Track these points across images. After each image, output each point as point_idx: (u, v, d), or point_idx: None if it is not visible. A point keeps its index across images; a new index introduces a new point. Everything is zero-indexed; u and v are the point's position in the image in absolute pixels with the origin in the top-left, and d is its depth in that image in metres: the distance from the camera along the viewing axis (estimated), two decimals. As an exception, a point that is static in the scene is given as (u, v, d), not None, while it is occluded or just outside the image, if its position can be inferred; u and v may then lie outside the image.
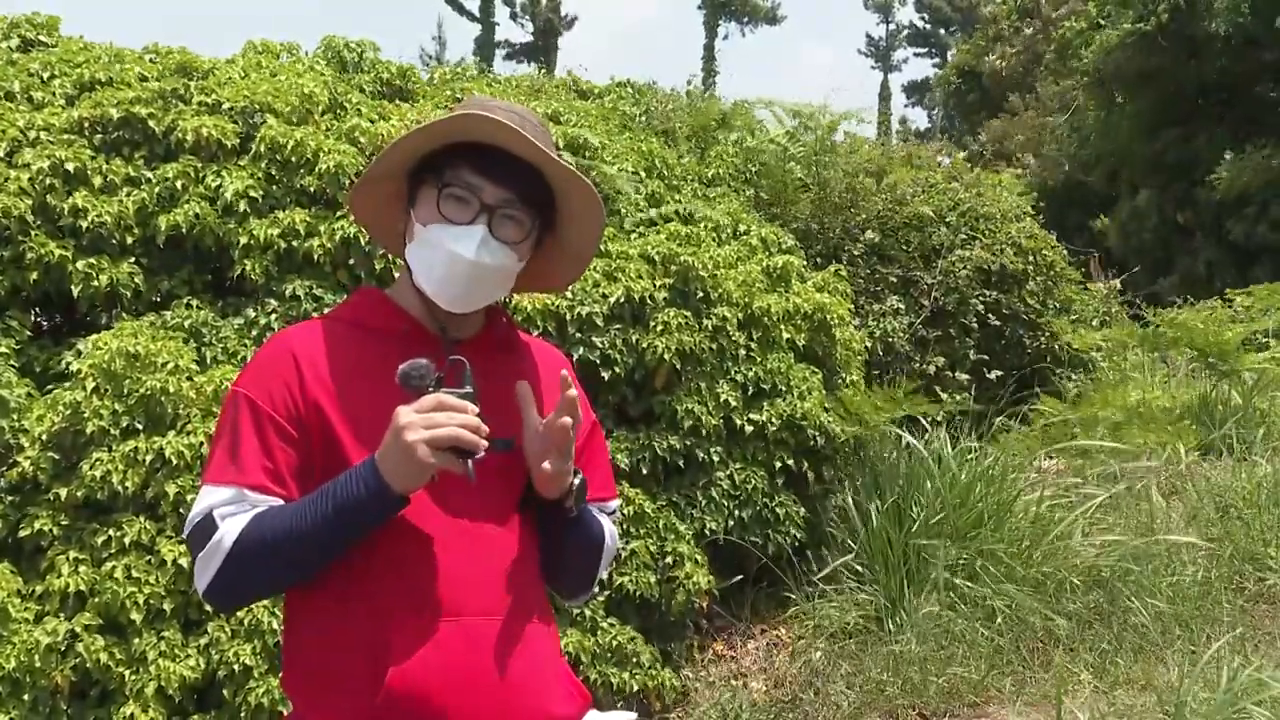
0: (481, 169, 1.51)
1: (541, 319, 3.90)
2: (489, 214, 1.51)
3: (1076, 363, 7.34)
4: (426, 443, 1.35)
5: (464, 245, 1.49)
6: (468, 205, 1.51)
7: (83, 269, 3.50)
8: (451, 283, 1.51)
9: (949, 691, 3.74)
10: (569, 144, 4.60)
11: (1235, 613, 4.11)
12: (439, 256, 1.51)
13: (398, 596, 1.46)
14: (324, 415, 1.48)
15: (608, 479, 1.74)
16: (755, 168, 6.27)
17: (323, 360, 1.51)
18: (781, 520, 4.32)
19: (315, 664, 1.49)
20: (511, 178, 1.52)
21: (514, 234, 1.54)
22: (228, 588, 1.46)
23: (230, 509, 1.44)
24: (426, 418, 1.36)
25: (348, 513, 1.40)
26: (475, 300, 1.55)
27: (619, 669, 3.71)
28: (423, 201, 1.54)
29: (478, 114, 1.48)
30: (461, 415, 1.38)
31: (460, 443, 1.37)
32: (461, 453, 1.38)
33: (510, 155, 1.51)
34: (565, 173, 1.54)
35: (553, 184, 1.56)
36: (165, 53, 4.32)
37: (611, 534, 1.69)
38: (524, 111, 1.59)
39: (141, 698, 3.01)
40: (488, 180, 1.51)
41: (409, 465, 1.37)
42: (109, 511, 3.22)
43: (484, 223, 1.50)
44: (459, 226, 1.50)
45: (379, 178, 1.60)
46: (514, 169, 1.52)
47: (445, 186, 1.51)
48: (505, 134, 1.49)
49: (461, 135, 1.50)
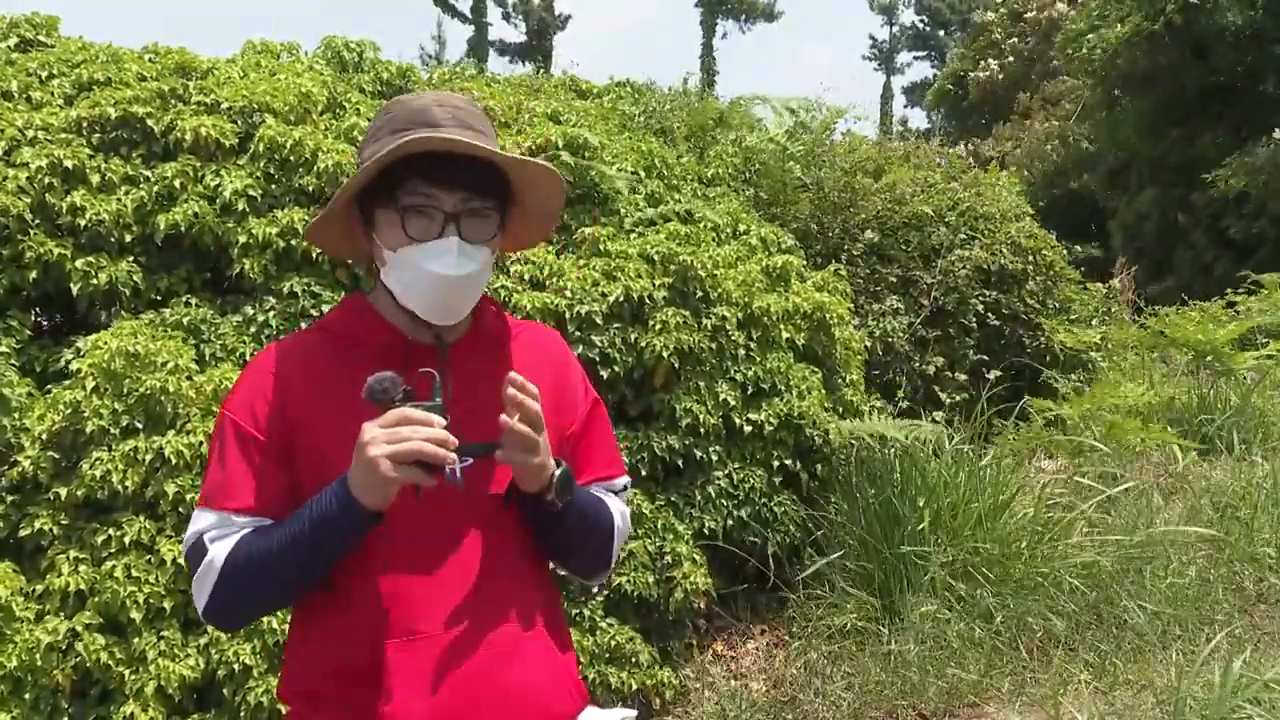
0: (433, 178, 1.47)
1: (541, 317, 3.90)
2: (455, 221, 1.48)
3: (1076, 363, 7.34)
4: (389, 457, 1.34)
5: (442, 263, 1.47)
6: (432, 219, 1.48)
7: (81, 267, 3.50)
8: (440, 301, 1.50)
9: (948, 691, 3.74)
10: (568, 144, 4.60)
11: (1234, 613, 4.12)
12: (420, 279, 1.49)
13: (389, 612, 1.46)
14: (308, 432, 1.49)
15: (613, 457, 1.72)
16: (755, 167, 6.27)
17: (307, 376, 1.52)
18: (780, 519, 4.33)
19: (311, 680, 1.51)
20: (463, 176, 1.49)
21: (484, 231, 1.52)
22: (222, 608, 1.49)
23: (216, 532, 1.47)
24: (390, 432, 1.36)
25: (321, 530, 1.41)
26: (467, 306, 1.55)
27: (617, 668, 3.71)
28: (384, 225, 1.51)
29: (421, 136, 1.45)
30: (426, 429, 1.36)
31: (424, 456, 1.35)
32: (429, 466, 1.37)
33: (455, 155, 1.48)
34: (512, 161, 1.53)
35: (500, 164, 1.54)
36: (164, 53, 4.32)
37: (621, 513, 1.68)
38: (452, 100, 1.55)
39: (141, 697, 3.01)
40: (442, 187, 1.48)
41: (373, 480, 1.36)
42: (109, 511, 3.22)
43: (453, 232, 1.48)
44: (430, 243, 1.47)
45: (329, 219, 1.58)
46: (463, 166, 1.48)
47: (404, 207, 1.48)
48: (446, 144, 1.46)
49: (401, 154, 1.47)
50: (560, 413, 1.63)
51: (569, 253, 4.36)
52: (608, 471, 1.69)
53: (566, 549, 1.61)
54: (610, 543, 1.65)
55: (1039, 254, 7.24)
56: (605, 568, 1.70)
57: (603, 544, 1.64)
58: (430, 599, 1.47)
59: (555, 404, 1.61)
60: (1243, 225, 15.65)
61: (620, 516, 1.68)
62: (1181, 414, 6.50)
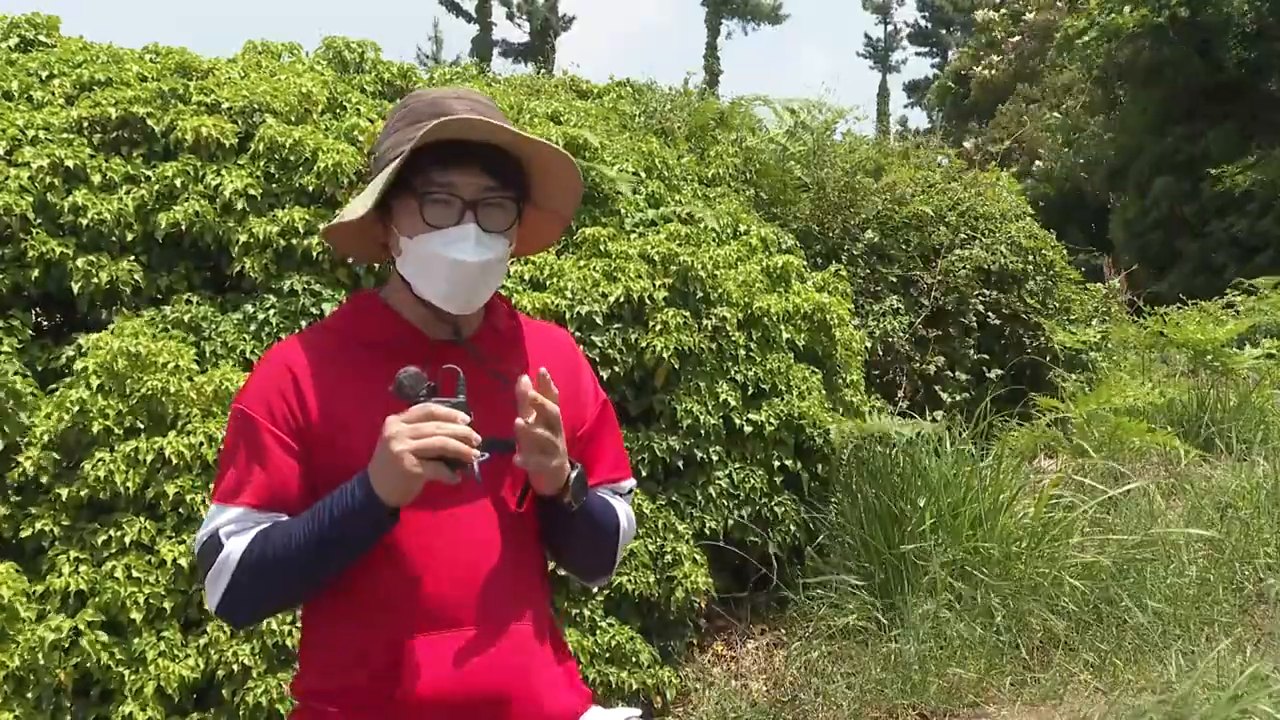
0: (451, 165, 1.49)
1: (540, 318, 3.90)
2: (473, 209, 1.49)
3: (1076, 363, 7.34)
4: (413, 452, 1.35)
5: (461, 249, 1.48)
6: (450, 206, 1.49)
7: (83, 266, 3.49)
8: (458, 289, 1.50)
9: (948, 691, 3.74)
10: (568, 144, 4.59)
11: (1234, 613, 4.12)
12: (438, 266, 1.49)
13: (400, 610, 1.47)
14: (322, 426, 1.49)
15: (620, 459, 1.72)
16: (755, 168, 6.27)
17: (320, 371, 1.52)
18: (780, 520, 4.33)
19: (323, 677, 1.51)
20: (481, 164, 1.50)
21: (502, 220, 1.53)
22: (237, 605, 1.48)
23: (234, 527, 1.46)
24: (414, 428, 1.36)
25: (342, 526, 1.41)
26: (484, 296, 1.55)
27: (617, 668, 3.71)
28: (402, 213, 1.52)
29: (442, 121, 1.46)
30: (450, 425, 1.37)
31: (447, 452, 1.36)
32: (451, 462, 1.38)
33: (472, 142, 1.50)
34: (527, 141, 1.53)
35: (518, 154, 1.54)
36: (164, 53, 4.32)
37: (627, 515, 1.68)
38: (469, 94, 1.57)
39: (141, 697, 3.01)
40: (461, 174, 1.49)
41: (396, 476, 1.37)
42: (109, 511, 3.22)
43: (471, 219, 1.49)
44: (449, 230, 1.48)
45: (360, 219, 1.56)
46: (480, 155, 1.50)
47: (423, 194, 1.49)
48: (465, 127, 1.48)
49: (420, 142, 1.48)
50: (572, 413, 1.63)
51: (569, 253, 4.36)
52: (615, 474, 1.70)
53: (572, 550, 1.61)
54: (614, 547, 1.65)
55: (1039, 253, 7.24)
56: (607, 570, 1.71)
57: (608, 546, 1.64)
58: (446, 594, 1.48)
59: (568, 404, 1.62)
60: (1246, 224, 15.63)
61: (626, 519, 1.68)
62: (1182, 414, 6.50)
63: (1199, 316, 8.63)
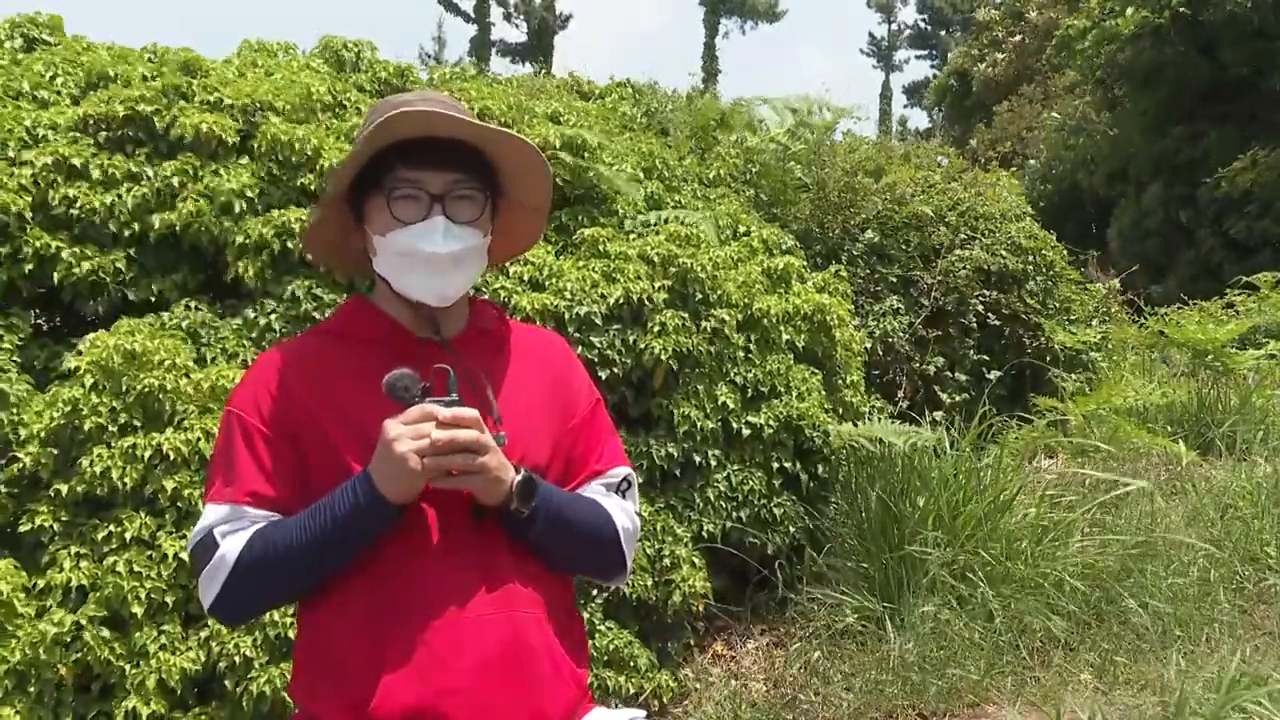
0: (417, 162, 1.52)
1: (540, 319, 3.90)
2: (440, 202, 1.52)
3: (1076, 363, 7.34)
4: (416, 452, 1.39)
5: (430, 241, 1.51)
6: (418, 201, 1.52)
7: (66, 257, 3.46)
8: (432, 280, 1.53)
9: (948, 692, 3.74)
10: (568, 144, 4.59)
11: (1235, 613, 4.11)
12: (410, 261, 1.52)
13: (392, 606, 1.48)
14: (314, 425, 1.51)
15: (611, 452, 1.72)
16: (755, 168, 6.27)
17: (309, 372, 1.54)
18: (779, 521, 4.32)
19: (316, 675, 1.52)
20: (447, 159, 1.53)
21: (471, 212, 1.55)
22: (232, 603, 1.49)
23: (228, 526, 1.48)
24: (414, 429, 1.40)
25: (348, 524, 1.43)
26: (459, 287, 1.57)
27: (616, 672, 3.71)
28: (373, 213, 1.55)
29: (397, 114, 1.49)
30: (465, 432, 1.42)
31: (456, 446, 1.41)
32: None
33: (438, 139, 1.53)
34: (492, 133, 1.56)
35: (485, 149, 1.57)
36: (165, 53, 4.32)
37: (623, 509, 1.68)
38: (433, 95, 1.61)
39: (143, 690, 3.02)
40: (427, 170, 1.52)
41: (401, 476, 1.40)
42: (108, 507, 3.23)
43: (440, 212, 1.52)
44: (418, 225, 1.52)
45: (323, 220, 1.62)
46: (446, 150, 1.53)
47: (391, 191, 1.52)
48: (426, 123, 1.50)
49: (385, 140, 1.51)
50: (562, 410, 1.65)
51: (568, 254, 4.36)
52: (604, 464, 1.70)
53: (551, 554, 1.60)
54: (611, 542, 1.64)
55: (1039, 254, 7.24)
56: (616, 569, 1.70)
57: (600, 545, 1.64)
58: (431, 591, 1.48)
59: (557, 402, 1.64)
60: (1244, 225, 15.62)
61: (623, 513, 1.68)
62: (1182, 415, 6.50)
63: (1199, 316, 8.62)
